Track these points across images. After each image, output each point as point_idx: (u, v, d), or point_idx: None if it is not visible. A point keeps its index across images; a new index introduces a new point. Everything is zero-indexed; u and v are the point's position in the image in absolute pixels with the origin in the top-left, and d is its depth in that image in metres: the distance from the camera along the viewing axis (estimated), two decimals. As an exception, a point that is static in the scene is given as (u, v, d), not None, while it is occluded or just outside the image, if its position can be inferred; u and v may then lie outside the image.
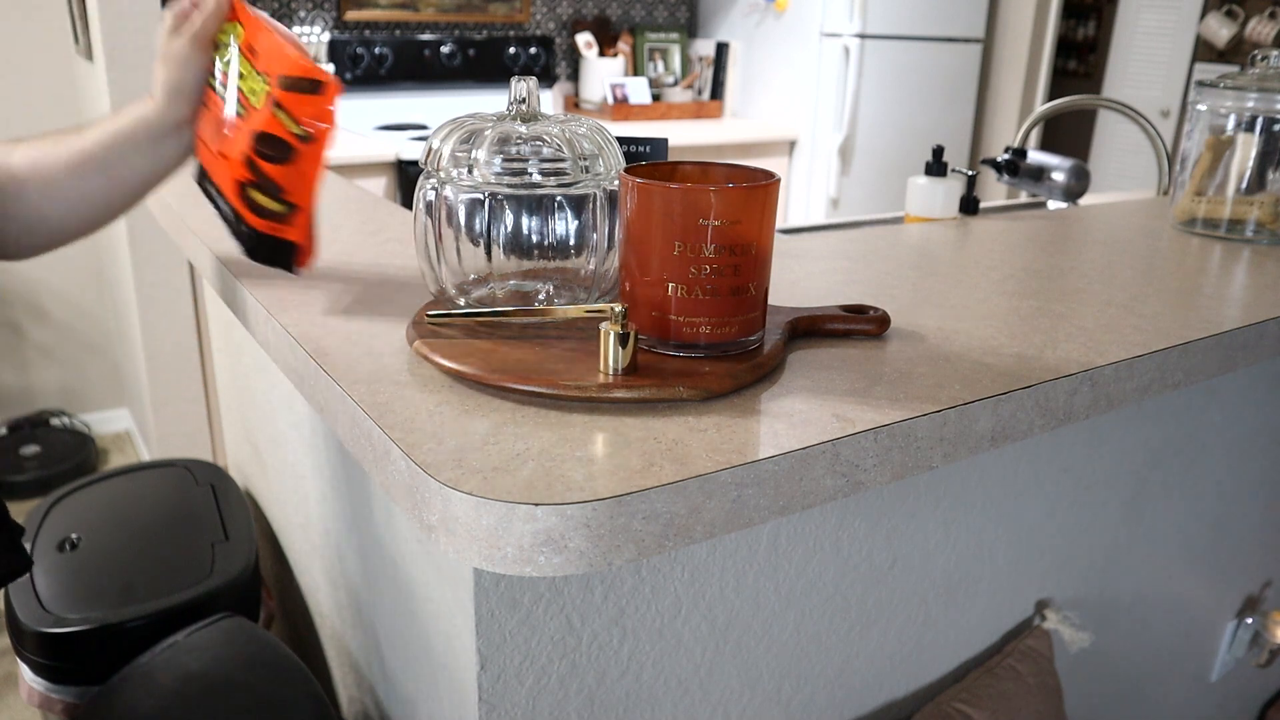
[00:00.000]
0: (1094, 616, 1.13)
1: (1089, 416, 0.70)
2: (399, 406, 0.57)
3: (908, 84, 3.21)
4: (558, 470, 0.50)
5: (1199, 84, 1.21)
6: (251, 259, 0.79)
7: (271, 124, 0.72)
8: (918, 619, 0.92)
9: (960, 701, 0.94)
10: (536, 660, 0.66)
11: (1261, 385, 1.19)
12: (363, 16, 2.95)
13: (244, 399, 1.32)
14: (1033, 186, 1.61)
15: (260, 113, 0.73)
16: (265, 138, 0.73)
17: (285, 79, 0.71)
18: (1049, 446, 0.95)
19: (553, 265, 0.67)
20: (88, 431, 2.89)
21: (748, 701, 0.81)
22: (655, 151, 0.82)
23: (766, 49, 3.29)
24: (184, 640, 0.98)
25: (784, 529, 0.76)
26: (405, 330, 0.69)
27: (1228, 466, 1.21)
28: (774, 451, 0.53)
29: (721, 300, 0.61)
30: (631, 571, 0.68)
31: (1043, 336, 0.75)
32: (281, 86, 0.71)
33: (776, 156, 3.18)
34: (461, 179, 0.65)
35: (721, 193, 0.59)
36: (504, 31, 3.21)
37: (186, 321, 2.33)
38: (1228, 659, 1.43)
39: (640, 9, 3.48)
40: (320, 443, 0.96)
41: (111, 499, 1.27)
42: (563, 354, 0.63)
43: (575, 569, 0.48)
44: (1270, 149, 1.16)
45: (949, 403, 0.61)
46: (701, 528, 0.51)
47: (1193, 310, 0.85)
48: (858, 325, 0.73)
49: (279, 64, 0.72)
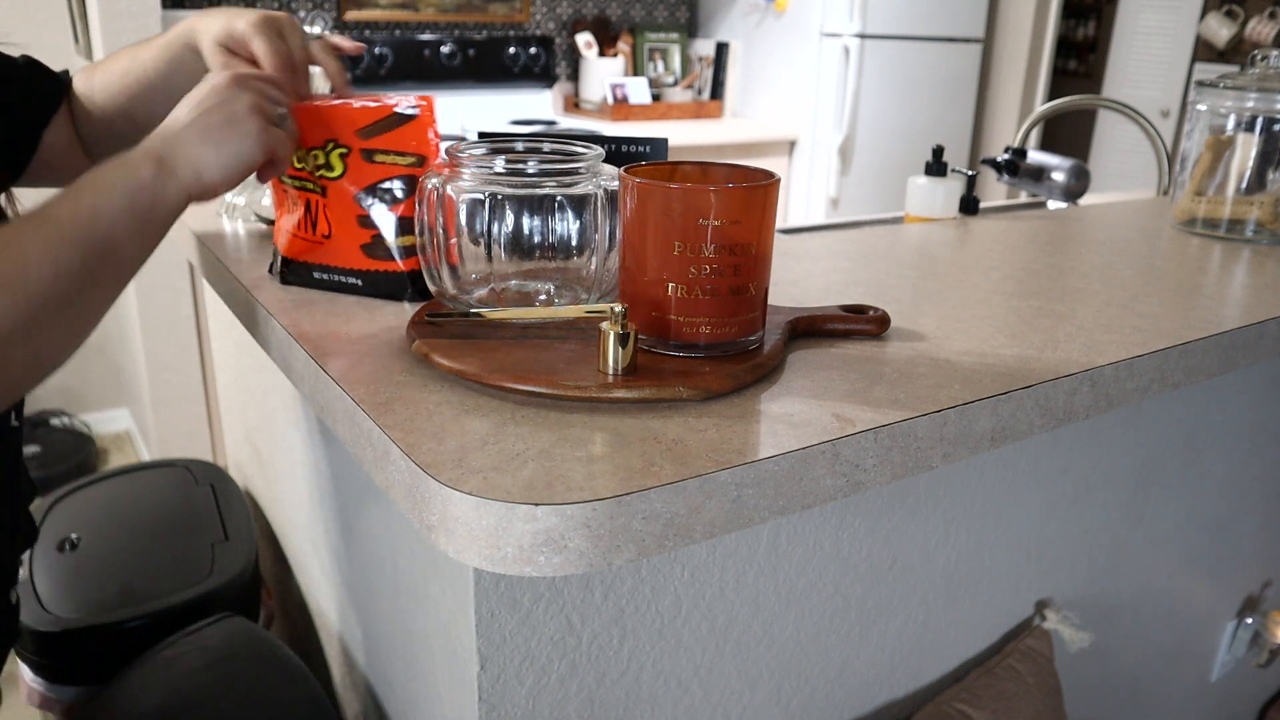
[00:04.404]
0: (1094, 616, 1.13)
1: (1089, 416, 0.70)
2: (399, 406, 0.57)
3: (908, 84, 3.21)
4: (558, 470, 0.50)
5: (1199, 84, 1.21)
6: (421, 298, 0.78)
7: (378, 172, 0.74)
8: (918, 619, 0.92)
9: (960, 701, 0.94)
10: (536, 660, 0.66)
11: (1261, 385, 1.19)
12: (363, 16, 2.95)
13: (244, 399, 1.32)
14: (1033, 186, 1.61)
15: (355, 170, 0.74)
16: (377, 188, 0.74)
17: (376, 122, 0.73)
18: (1049, 446, 0.95)
19: (553, 265, 0.67)
20: (88, 431, 2.89)
21: (748, 701, 0.81)
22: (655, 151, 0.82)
23: (766, 49, 3.29)
24: (184, 640, 0.98)
25: (784, 529, 0.76)
26: (405, 330, 0.69)
27: (1228, 466, 1.21)
28: (774, 451, 0.53)
29: (721, 300, 0.61)
30: (631, 571, 0.68)
31: (1043, 336, 0.75)
32: (372, 133, 0.73)
33: (776, 156, 3.18)
34: (462, 179, 0.65)
35: (721, 193, 0.59)
36: (504, 31, 3.21)
37: (186, 321, 2.33)
38: (1228, 659, 1.43)
39: (640, 9, 3.48)
40: (320, 443, 0.96)
41: (111, 499, 1.27)
42: (563, 354, 0.63)
43: (575, 569, 0.48)
44: (1270, 149, 1.16)
45: (949, 403, 0.61)
46: (701, 528, 0.51)
47: (1192, 310, 0.85)
48: (858, 325, 0.73)
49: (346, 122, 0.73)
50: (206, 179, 0.65)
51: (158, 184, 0.63)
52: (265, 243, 0.94)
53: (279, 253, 0.81)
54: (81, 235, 0.58)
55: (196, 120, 0.66)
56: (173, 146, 0.65)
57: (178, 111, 0.67)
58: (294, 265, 0.80)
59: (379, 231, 0.75)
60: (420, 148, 0.73)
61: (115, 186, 0.61)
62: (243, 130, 0.66)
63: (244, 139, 0.66)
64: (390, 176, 0.74)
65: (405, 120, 0.73)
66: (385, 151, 0.73)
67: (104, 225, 0.59)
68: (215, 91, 0.67)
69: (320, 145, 0.74)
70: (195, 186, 0.65)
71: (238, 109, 0.66)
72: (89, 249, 0.58)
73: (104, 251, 0.59)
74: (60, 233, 0.57)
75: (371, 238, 0.76)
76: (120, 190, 0.61)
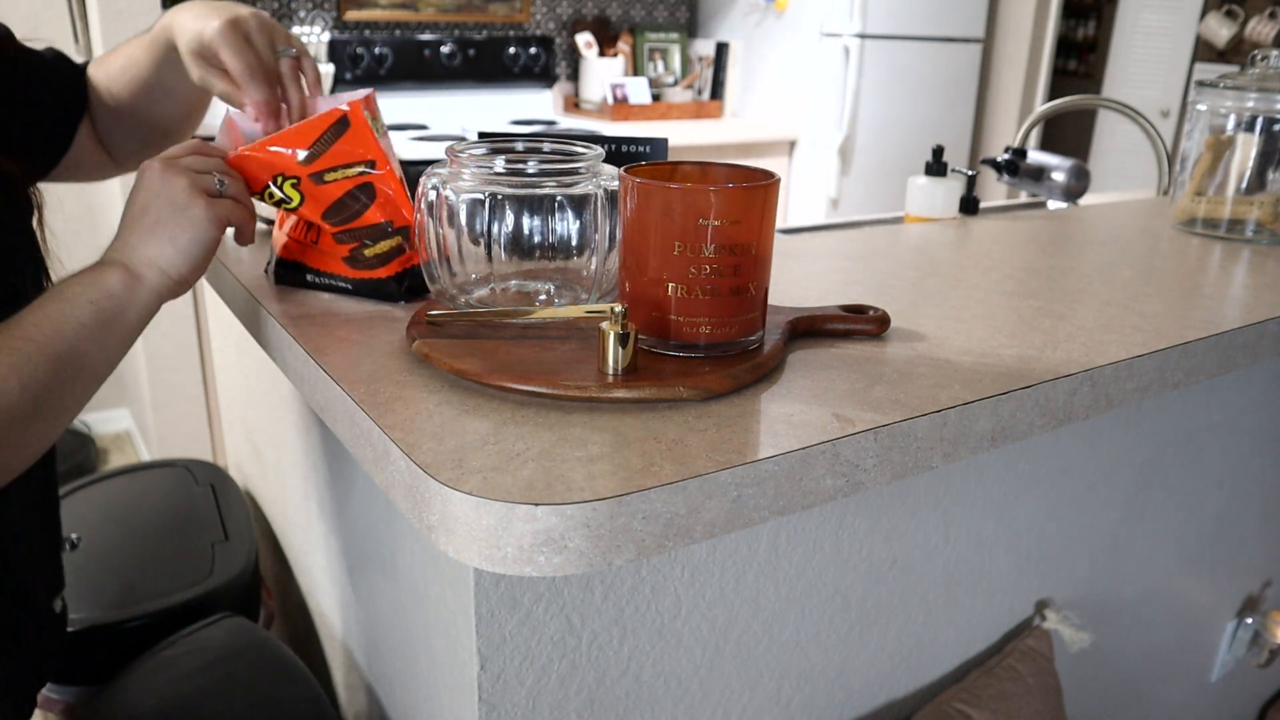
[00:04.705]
0: (1094, 616, 1.13)
1: (1089, 416, 0.70)
2: (399, 406, 0.57)
3: (908, 84, 3.21)
4: (558, 470, 0.50)
5: (1199, 84, 1.21)
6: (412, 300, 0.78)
7: (333, 190, 0.72)
8: (918, 619, 0.92)
9: (960, 701, 0.94)
10: (536, 660, 0.66)
11: (1261, 385, 1.19)
12: (363, 16, 2.95)
13: (244, 399, 1.32)
14: (1033, 186, 1.61)
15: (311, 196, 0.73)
16: (338, 204, 0.73)
17: (313, 144, 0.71)
18: (1049, 446, 0.95)
19: (553, 265, 0.67)
20: (88, 431, 2.89)
21: (748, 701, 0.81)
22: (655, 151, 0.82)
23: (766, 49, 3.29)
24: (184, 640, 0.98)
25: (784, 529, 0.76)
26: (405, 330, 0.69)
27: (1228, 466, 1.21)
28: (774, 451, 0.53)
29: (721, 300, 0.61)
30: (631, 571, 0.68)
31: (1043, 336, 0.75)
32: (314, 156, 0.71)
33: (776, 156, 3.18)
34: (462, 179, 0.65)
35: (721, 193, 0.59)
36: (504, 31, 3.21)
37: (186, 322, 2.33)
38: (1228, 659, 1.43)
39: (640, 9, 3.48)
40: (320, 442, 0.96)
41: (111, 499, 1.27)
42: (563, 354, 0.63)
43: (575, 569, 0.48)
44: (1270, 149, 1.16)
45: (949, 403, 0.60)
46: (701, 528, 0.51)
47: (1193, 310, 0.85)
48: (858, 325, 0.73)
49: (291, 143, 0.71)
50: (175, 275, 0.66)
51: (127, 293, 0.64)
52: (265, 242, 0.94)
53: (274, 253, 0.81)
54: (50, 350, 0.59)
55: (145, 221, 0.66)
56: (132, 252, 0.65)
57: (125, 217, 0.67)
58: (288, 265, 0.80)
59: (355, 244, 0.75)
60: (366, 152, 0.72)
61: (82, 299, 0.62)
62: (190, 216, 0.66)
63: (194, 225, 0.66)
64: (346, 190, 0.73)
65: (342, 131, 0.71)
66: (332, 169, 0.71)
67: (71, 339, 0.60)
68: (149, 188, 0.67)
69: (271, 181, 0.73)
70: (166, 286, 0.66)
71: (178, 197, 0.66)
72: (57, 363, 0.59)
73: (72, 365, 0.60)
74: (28, 347, 0.58)
75: (350, 250, 0.76)
76: (88, 302, 0.62)
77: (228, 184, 0.70)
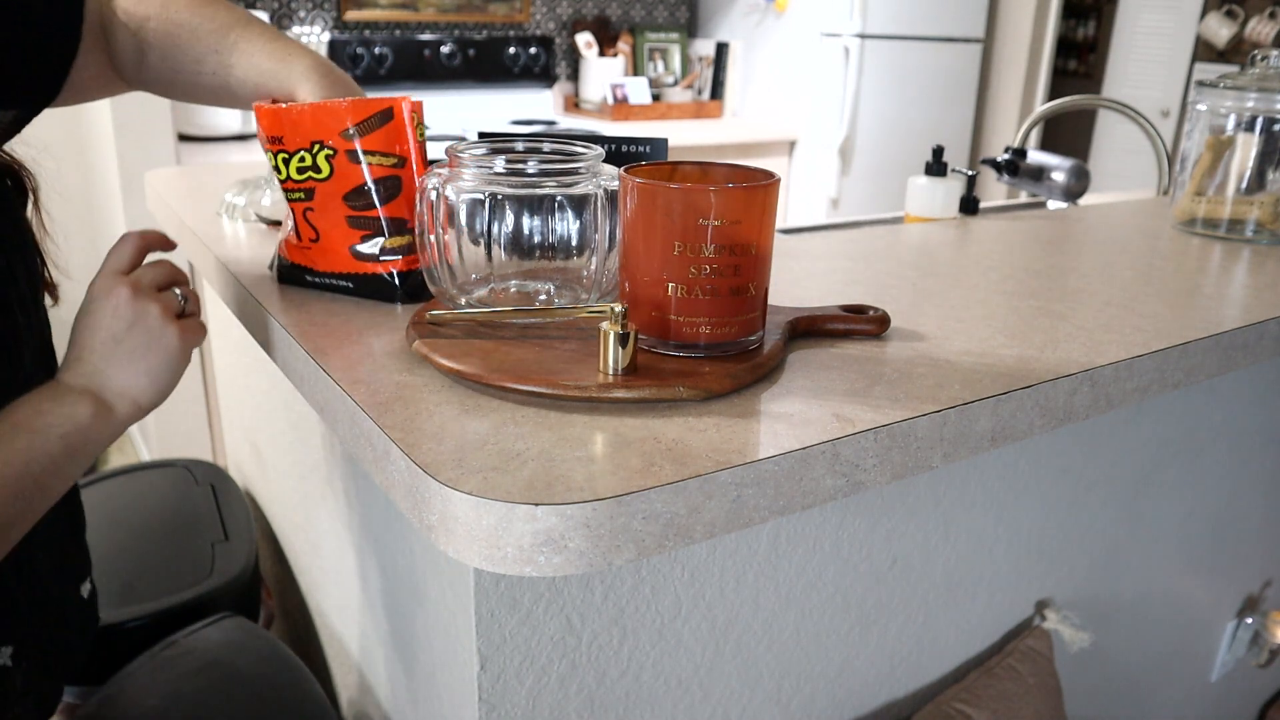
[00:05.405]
0: (1094, 616, 1.13)
1: (1089, 416, 0.70)
2: (399, 406, 0.57)
3: (908, 84, 3.21)
4: (558, 470, 0.50)
5: (1199, 84, 1.21)
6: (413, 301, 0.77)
7: (363, 174, 0.73)
8: (918, 619, 0.92)
9: (960, 701, 0.94)
10: (536, 660, 0.66)
11: (1261, 385, 1.19)
12: (363, 16, 2.95)
13: (244, 399, 1.32)
14: (1033, 186, 1.61)
15: (341, 173, 0.73)
16: (362, 189, 0.73)
17: (362, 121, 0.72)
18: (1049, 446, 0.95)
19: (553, 265, 0.67)
20: (88, 431, 2.88)
21: (748, 701, 0.81)
22: (655, 151, 0.82)
23: (766, 49, 3.29)
24: (184, 640, 0.98)
25: (784, 529, 0.76)
26: (405, 330, 0.69)
27: (1228, 466, 1.21)
28: (774, 451, 0.53)
29: (721, 300, 0.61)
30: (631, 571, 0.68)
31: (1043, 336, 0.75)
32: (360, 133, 0.72)
33: (776, 156, 3.18)
34: (462, 179, 0.65)
35: (721, 193, 0.59)
36: (504, 31, 3.21)
37: (186, 321, 2.33)
38: (1228, 659, 1.43)
39: (640, 9, 3.48)
40: (320, 442, 0.96)
41: (111, 499, 1.27)
42: (563, 354, 0.63)
43: (575, 569, 0.48)
44: (1270, 149, 1.16)
45: (949, 403, 0.61)
46: (701, 528, 0.51)
47: (1192, 310, 0.85)
48: (858, 325, 0.73)
49: (334, 120, 0.72)
50: (145, 404, 0.66)
51: (97, 425, 0.63)
52: (265, 242, 0.94)
53: (278, 253, 0.82)
54: (16, 487, 0.59)
55: (119, 351, 0.64)
56: (106, 381, 0.64)
57: (92, 340, 0.65)
58: (289, 266, 0.80)
59: (369, 232, 0.75)
60: (401, 148, 0.73)
61: (53, 433, 0.61)
62: (164, 345, 0.66)
63: (169, 353, 0.66)
64: (376, 178, 0.73)
65: (386, 120, 0.72)
66: (371, 152, 0.72)
67: (38, 474, 0.60)
68: (121, 315, 0.65)
69: (307, 147, 0.73)
70: (134, 415, 0.66)
71: (151, 324, 0.65)
72: (20, 500, 0.59)
73: (37, 497, 0.60)
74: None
75: (361, 238, 0.76)
76: (59, 437, 0.61)
77: (189, 300, 0.69)
